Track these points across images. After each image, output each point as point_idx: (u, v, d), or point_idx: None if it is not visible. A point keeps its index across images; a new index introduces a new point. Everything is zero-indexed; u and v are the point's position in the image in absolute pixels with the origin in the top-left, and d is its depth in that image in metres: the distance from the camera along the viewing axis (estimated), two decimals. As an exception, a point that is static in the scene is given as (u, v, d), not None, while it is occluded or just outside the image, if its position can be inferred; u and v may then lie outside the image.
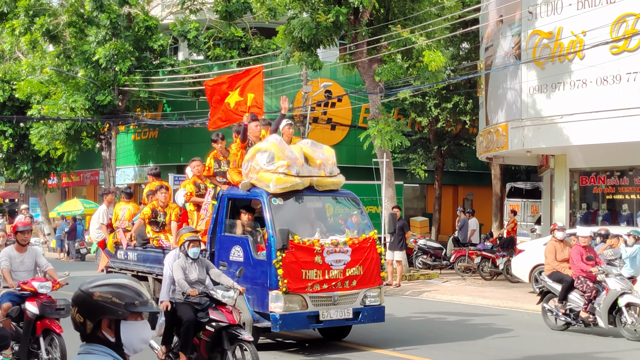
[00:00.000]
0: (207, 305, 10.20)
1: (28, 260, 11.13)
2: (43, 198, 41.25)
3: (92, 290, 3.27)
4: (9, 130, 37.32)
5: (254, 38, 35.23)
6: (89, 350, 3.30)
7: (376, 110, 25.23)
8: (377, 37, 24.39)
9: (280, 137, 13.02)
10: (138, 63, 33.42)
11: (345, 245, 12.42)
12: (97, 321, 3.28)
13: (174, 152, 38.57)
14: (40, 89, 34.43)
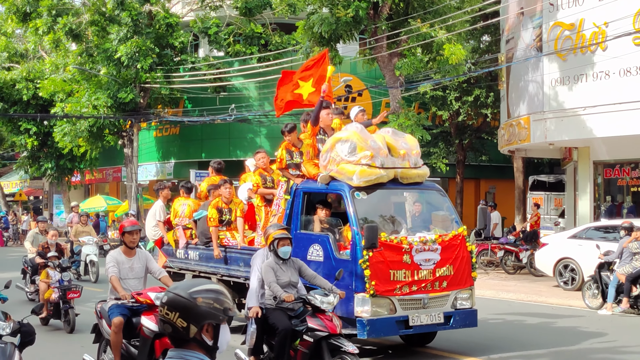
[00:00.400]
0: (301, 312, 9.31)
1: (138, 265, 9.65)
2: (67, 195, 41.53)
3: (195, 296, 3.38)
4: (33, 128, 37.63)
5: (274, 34, 35.25)
6: (182, 356, 3.39)
7: (396, 104, 25.17)
8: (397, 31, 24.30)
9: (361, 126, 11.96)
10: (159, 60, 33.57)
11: (435, 243, 11.34)
12: (200, 326, 3.39)
13: (195, 148, 38.69)
14: (64, 87, 34.67)
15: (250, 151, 37.44)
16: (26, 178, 53.43)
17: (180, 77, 34.87)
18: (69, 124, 33.67)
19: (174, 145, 40.09)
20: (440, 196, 12.88)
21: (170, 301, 3.39)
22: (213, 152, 37.91)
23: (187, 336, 3.38)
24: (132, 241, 9.50)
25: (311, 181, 12.00)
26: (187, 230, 14.33)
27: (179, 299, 3.37)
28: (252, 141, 37.53)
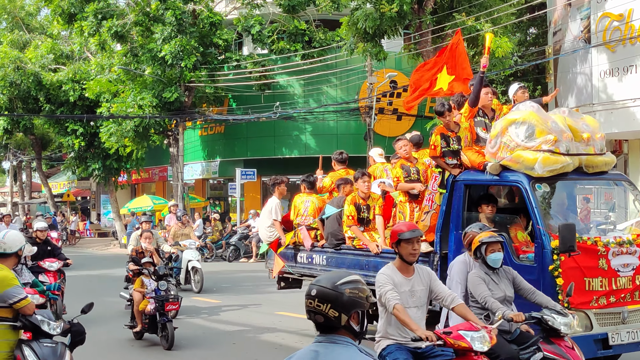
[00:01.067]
0: (528, 338, 7.59)
1: (419, 288, 7.08)
2: (114, 195, 41.92)
3: (342, 289, 3.70)
4: (80, 129, 38.00)
5: (318, 30, 35.16)
6: (333, 340, 3.70)
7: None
8: (442, 25, 24.08)
9: (538, 105, 9.96)
10: (203, 59, 33.68)
11: (633, 245, 9.25)
12: (350, 314, 3.71)
13: (241, 146, 38.77)
14: (109, 87, 34.95)
15: (297, 149, 37.50)
16: (74, 179, 54.11)
17: (225, 75, 34.95)
18: (115, 124, 33.93)
19: (219, 143, 40.22)
20: (629, 188, 10.54)
21: (320, 294, 3.70)
22: (258, 151, 38.02)
23: (338, 324, 3.70)
24: (413, 253, 6.94)
25: (472, 171, 10.12)
26: (311, 231, 12.63)
27: (329, 292, 3.68)
28: (297, 139, 37.50)
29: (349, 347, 3.66)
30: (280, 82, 37.01)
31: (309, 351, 3.70)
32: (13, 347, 6.90)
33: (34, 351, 6.93)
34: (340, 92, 36.22)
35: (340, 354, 3.63)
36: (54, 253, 15.00)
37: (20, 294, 6.89)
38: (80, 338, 7.62)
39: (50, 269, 14.53)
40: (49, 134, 47.69)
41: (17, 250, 7.14)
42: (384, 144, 33.53)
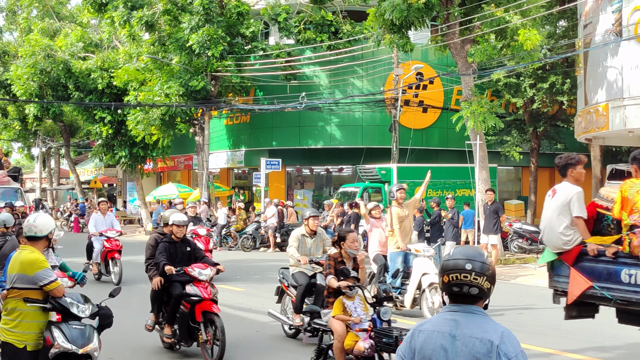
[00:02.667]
0: None
1: None
2: (140, 183, 42.18)
3: (489, 262, 3.86)
4: (107, 117, 38.26)
5: (345, 21, 35.13)
6: (470, 310, 3.82)
7: (469, 91, 24.83)
8: (470, 17, 23.96)
9: None
10: (230, 48, 33.78)
11: None
12: (494, 284, 3.89)
13: (266, 136, 38.88)
14: (137, 76, 35.15)
15: (322, 140, 37.53)
16: (101, 166, 54.54)
17: (251, 65, 35.03)
18: (142, 112, 34.13)
19: (244, 133, 40.35)
20: None
21: (476, 268, 3.80)
22: (283, 140, 38.09)
23: (488, 296, 3.86)
24: None
25: None
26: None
27: (483, 265, 3.81)
28: (323, 129, 37.54)
29: (486, 317, 3.79)
30: (307, 73, 37.04)
31: (446, 320, 3.80)
32: (43, 329, 7.01)
33: (63, 332, 7.04)
34: (366, 83, 36.20)
35: (482, 323, 3.74)
36: (197, 256, 11.37)
37: (51, 276, 6.99)
38: (108, 321, 7.73)
39: (201, 278, 10.79)
40: (78, 121, 48.10)
41: (47, 233, 7.25)
42: (409, 136, 33.56)
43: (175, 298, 10.80)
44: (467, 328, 3.73)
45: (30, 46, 39.53)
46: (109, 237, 19.57)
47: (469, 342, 3.67)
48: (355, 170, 34.87)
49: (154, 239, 11.63)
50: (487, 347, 3.64)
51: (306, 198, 38.58)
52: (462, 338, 3.70)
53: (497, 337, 3.67)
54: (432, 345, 3.76)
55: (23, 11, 50.70)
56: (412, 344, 3.85)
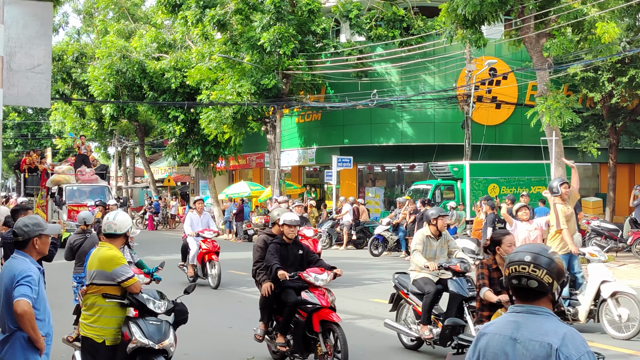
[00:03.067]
0: None
1: None
2: (212, 181, 42.63)
3: (553, 256, 3.76)
4: (180, 115, 38.79)
5: (416, 17, 34.89)
6: (532, 311, 3.70)
7: (544, 86, 24.39)
8: (546, 10, 23.52)
9: None
10: (301, 46, 33.88)
11: None
12: (560, 282, 3.77)
13: (337, 134, 38.88)
14: (209, 75, 35.53)
15: (393, 137, 37.37)
16: (174, 164, 55.34)
17: (322, 62, 35.07)
18: (214, 111, 34.49)
19: (316, 131, 40.43)
20: None
21: (535, 260, 3.72)
22: (355, 138, 38.04)
23: (550, 291, 3.71)
24: None
25: None
26: None
27: (544, 258, 3.71)
28: (394, 127, 37.36)
29: (549, 317, 3.67)
30: (378, 70, 36.91)
31: (509, 322, 3.72)
32: (121, 324, 7.13)
33: (140, 328, 7.13)
34: (438, 79, 35.90)
35: (543, 324, 3.63)
36: (310, 259, 10.37)
37: (128, 272, 7.10)
38: (183, 317, 7.81)
39: (317, 284, 9.91)
40: (152, 120, 48.88)
41: (125, 231, 7.37)
42: (482, 133, 33.14)
43: (289, 306, 9.77)
44: (527, 330, 3.64)
45: (107, 47, 40.36)
46: (206, 237, 18.55)
47: (529, 345, 3.58)
48: (427, 167, 34.60)
49: (263, 240, 10.53)
50: (547, 350, 3.54)
51: (378, 195, 38.46)
52: (523, 341, 3.62)
53: (558, 339, 3.55)
54: (494, 349, 3.71)
55: (100, 13, 51.78)
56: (477, 348, 3.79)
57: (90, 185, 31.32)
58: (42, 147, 76.29)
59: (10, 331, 5.82)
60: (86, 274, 7.31)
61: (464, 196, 30.25)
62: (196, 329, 12.27)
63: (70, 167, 32.48)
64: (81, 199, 30.35)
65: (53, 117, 57.10)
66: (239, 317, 14.14)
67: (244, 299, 16.43)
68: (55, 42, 51.95)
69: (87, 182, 31.36)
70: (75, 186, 31.09)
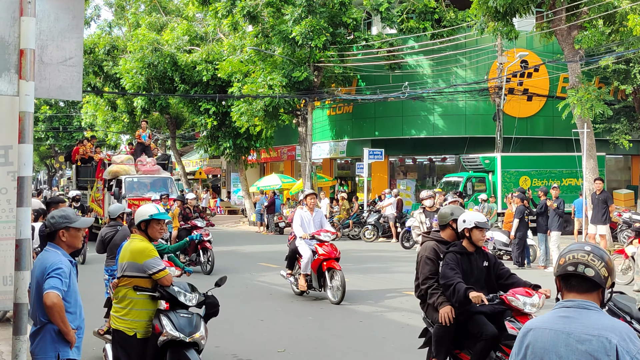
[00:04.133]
0: None
1: None
2: (243, 173, 42.79)
3: (606, 256, 3.71)
4: (212, 108, 38.94)
5: (448, 9, 34.72)
6: (583, 305, 3.60)
7: (576, 79, 24.20)
8: (577, 2, 23.31)
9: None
10: (332, 39, 33.85)
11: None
12: (613, 278, 3.72)
13: (369, 126, 38.85)
14: (240, 68, 35.63)
15: (425, 129, 37.27)
16: (205, 157, 55.53)
17: (354, 55, 35.04)
18: (246, 103, 34.59)
19: (347, 123, 40.41)
20: None
21: (595, 250, 3.69)
22: (386, 130, 37.99)
23: (604, 285, 3.65)
24: None
25: None
26: None
27: (601, 252, 3.69)
28: (426, 119, 37.25)
29: (601, 312, 3.58)
30: (409, 62, 36.80)
31: (559, 317, 3.61)
32: (152, 317, 7.19)
33: (171, 321, 7.19)
34: (470, 72, 35.71)
35: (598, 319, 3.53)
36: (500, 273, 8.01)
37: (159, 265, 7.16)
38: (214, 310, 7.86)
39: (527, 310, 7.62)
40: (183, 113, 49.10)
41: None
42: (514, 125, 32.96)
43: (487, 340, 7.35)
44: (581, 325, 3.52)
45: (138, 41, 40.57)
46: (322, 240, 15.00)
47: (585, 340, 3.46)
48: (459, 159, 34.47)
49: (432, 249, 8.19)
50: (605, 345, 3.42)
51: (409, 188, 38.38)
52: (576, 336, 3.50)
53: (616, 334, 3.44)
54: (543, 344, 3.58)
55: (131, 7, 52.10)
56: (522, 343, 3.67)
57: (151, 176, 28.73)
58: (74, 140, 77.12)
59: (41, 324, 5.87)
60: (118, 266, 7.39)
61: (496, 188, 30.11)
62: (227, 322, 12.39)
63: (129, 157, 29.74)
64: (142, 192, 27.76)
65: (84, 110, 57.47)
66: (270, 310, 14.23)
67: (275, 292, 16.52)
68: (86, 35, 52.30)
69: (148, 173, 28.77)
70: (135, 177, 28.33)
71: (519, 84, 34.44)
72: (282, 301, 15.25)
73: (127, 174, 28.26)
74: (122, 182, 27.83)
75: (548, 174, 30.30)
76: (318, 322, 13.08)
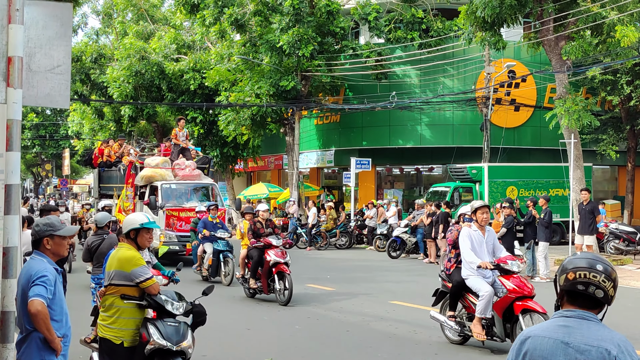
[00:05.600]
0: None
1: None
2: (230, 182, 42.76)
3: (614, 273, 3.71)
4: (199, 117, 38.92)
5: (436, 19, 34.86)
6: (583, 316, 3.63)
7: (563, 89, 24.31)
8: (565, 13, 23.44)
9: None
10: (320, 48, 33.90)
11: None
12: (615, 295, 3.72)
13: (356, 136, 38.88)
14: (228, 76, 35.65)
15: (412, 139, 37.34)
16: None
17: (341, 64, 35.09)
18: (233, 112, 34.60)
19: (334, 133, 40.44)
20: None
21: (606, 272, 3.64)
22: (373, 140, 38.03)
23: (609, 303, 3.67)
24: None
25: None
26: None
27: (612, 271, 3.66)
28: (413, 129, 37.32)
29: (600, 324, 3.62)
30: (397, 72, 36.89)
31: (558, 326, 3.64)
32: (139, 325, 7.13)
33: (158, 329, 7.14)
34: (457, 82, 35.83)
35: (598, 330, 3.57)
36: None
37: (147, 273, 7.12)
38: (202, 319, 7.82)
39: None
40: (170, 121, 49.02)
41: None
42: (501, 135, 33.05)
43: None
44: (581, 335, 3.56)
45: (126, 49, 40.55)
46: (508, 271, 11.48)
47: (584, 350, 3.49)
48: (446, 169, 34.54)
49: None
50: (604, 356, 3.45)
51: (396, 198, 38.40)
52: (576, 346, 3.53)
53: (614, 346, 3.48)
54: (541, 352, 3.60)
55: (119, 15, 52.06)
56: (520, 350, 3.69)
57: (192, 182, 24.95)
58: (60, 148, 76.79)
59: (27, 332, 5.84)
60: (105, 275, 7.34)
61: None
62: (214, 331, 12.33)
63: (165, 159, 25.65)
64: (181, 201, 24.18)
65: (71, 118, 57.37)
66: (257, 318, 14.18)
67: (262, 300, 16.47)
68: (74, 43, 52.26)
69: (187, 179, 24.91)
70: (173, 184, 24.45)
71: (507, 94, 34.58)
72: (269, 310, 15.20)
73: (164, 180, 24.41)
74: (158, 189, 24.02)
75: (535, 184, 30.39)
76: (306, 331, 13.05)
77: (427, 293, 17.01)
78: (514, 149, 34.94)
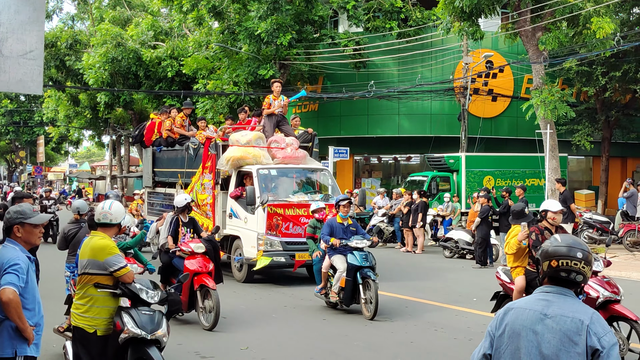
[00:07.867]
0: None
1: None
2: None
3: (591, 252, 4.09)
4: (177, 104, 38.68)
5: (414, 9, 34.85)
6: (562, 292, 4.01)
7: (540, 80, 24.43)
8: (542, 4, 23.53)
9: None
10: (298, 36, 33.77)
11: None
12: None
13: (334, 125, 38.84)
14: (206, 64, 35.45)
15: (390, 128, 37.36)
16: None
17: (320, 53, 35.01)
18: (211, 100, 34.43)
19: (312, 121, 40.29)
20: None
21: (585, 258, 4.01)
22: (352, 129, 38.03)
23: (586, 283, 4.08)
24: None
25: None
26: None
27: (589, 256, 4.02)
28: (391, 118, 37.36)
29: (576, 299, 4.01)
30: (375, 61, 36.87)
31: (538, 300, 4.03)
32: (113, 314, 7.10)
33: (132, 318, 7.11)
34: (435, 72, 35.86)
35: (573, 304, 3.96)
36: None
37: (121, 262, 7.06)
38: (177, 307, 7.81)
39: None
40: (147, 109, 48.79)
41: (120, 221, 7.36)
42: (478, 125, 33.17)
43: None
44: (558, 307, 3.94)
45: (102, 35, 40.18)
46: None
47: (560, 320, 3.88)
48: (424, 159, 34.63)
49: None
50: (578, 325, 3.85)
51: (374, 187, 38.44)
52: (553, 316, 3.91)
53: (587, 317, 3.87)
54: (522, 322, 3.97)
55: (95, 0, 51.61)
56: (502, 320, 4.05)
57: (297, 167, 18.33)
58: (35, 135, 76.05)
59: (-1, 320, 5.80)
60: (78, 264, 7.29)
61: (460, 188, 30.28)
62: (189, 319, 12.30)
63: (259, 135, 18.66)
64: (285, 193, 17.57)
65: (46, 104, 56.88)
66: (233, 307, 14.14)
67: (239, 289, 16.42)
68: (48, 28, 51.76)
69: (291, 163, 18.17)
70: (273, 169, 18.01)
71: (484, 84, 34.69)
72: (246, 299, 15.18)
73: (259, 163, 17.67)
74: (253, 175, 17.29)
75: (512, 174, 30.54)
76: (281, 320, 13.04)
77: (407, 282, 17.09)
78: (491, 139, 35.07)
